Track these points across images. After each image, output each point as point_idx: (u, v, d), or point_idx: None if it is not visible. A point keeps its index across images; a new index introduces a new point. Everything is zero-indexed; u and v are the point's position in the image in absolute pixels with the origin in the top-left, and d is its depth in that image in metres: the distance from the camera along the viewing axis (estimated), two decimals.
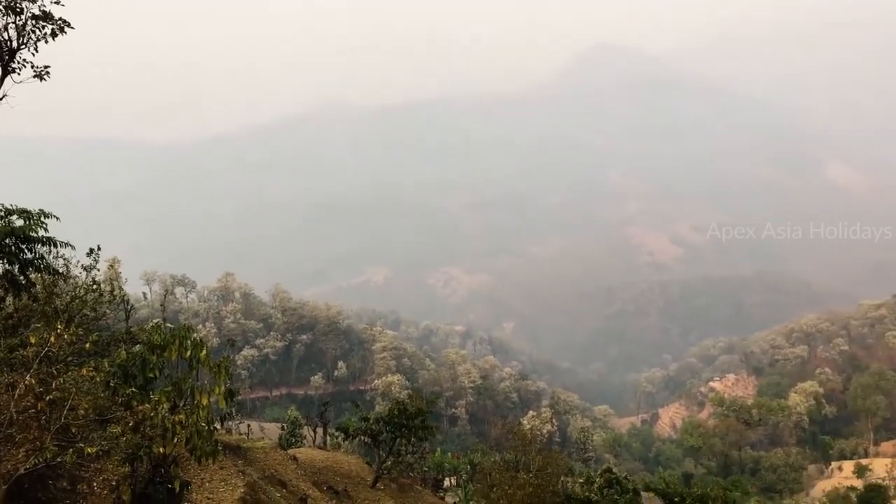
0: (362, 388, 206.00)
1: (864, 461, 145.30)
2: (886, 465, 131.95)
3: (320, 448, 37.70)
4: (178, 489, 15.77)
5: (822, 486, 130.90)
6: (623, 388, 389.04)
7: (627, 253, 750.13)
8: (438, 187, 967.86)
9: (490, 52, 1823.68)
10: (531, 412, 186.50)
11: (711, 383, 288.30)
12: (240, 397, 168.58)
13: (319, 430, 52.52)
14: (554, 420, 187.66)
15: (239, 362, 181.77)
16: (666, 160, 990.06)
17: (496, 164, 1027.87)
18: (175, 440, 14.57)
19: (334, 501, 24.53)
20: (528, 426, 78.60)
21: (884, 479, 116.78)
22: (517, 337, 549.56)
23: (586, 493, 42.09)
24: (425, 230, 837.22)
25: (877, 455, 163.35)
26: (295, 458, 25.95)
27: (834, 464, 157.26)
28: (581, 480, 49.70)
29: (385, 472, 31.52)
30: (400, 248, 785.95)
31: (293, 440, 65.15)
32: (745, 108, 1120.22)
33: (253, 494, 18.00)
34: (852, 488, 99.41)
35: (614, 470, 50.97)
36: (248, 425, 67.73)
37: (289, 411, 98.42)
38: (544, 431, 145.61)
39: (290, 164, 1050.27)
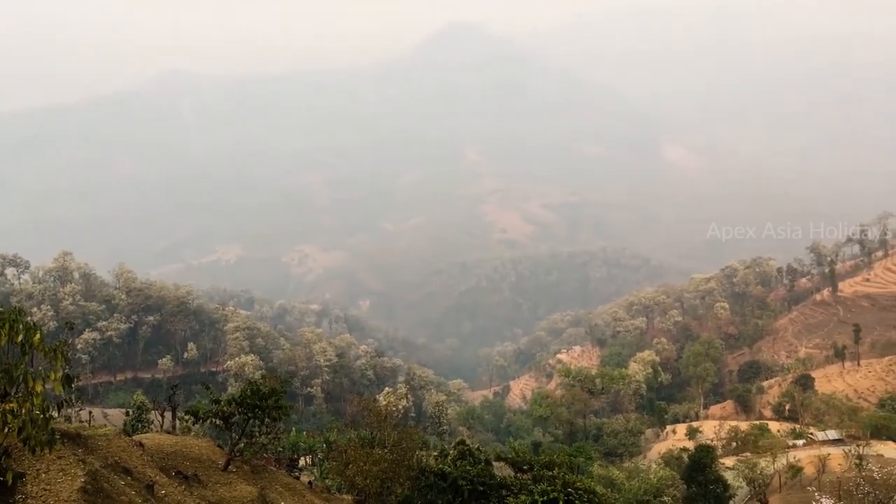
0: (214, 369, 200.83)
1: (695, 424, 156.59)
2: (714, 427, 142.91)
3: (169, 433, 36.45)
4: (10, 481, 14.89)
5: (658, 449, 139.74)
6: (476, 363, 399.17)
7: (481, 230, 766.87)
8: (291, 163, 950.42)
9: (345, 26, 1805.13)
10: (387, 388, 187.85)
11: (559, 355, 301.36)
12: (80, 383, 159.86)
13: (168, 415, 50.72)
14: (409, 396, 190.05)
15: (79, 346, 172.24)
16: (518, 139, 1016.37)
17: (350, 140, 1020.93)
18: (6, 430, 13.71)
19: (183, 486, 23.85)
20: (383, 402, 79.30)
21: (712, 440, 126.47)
22: (373, 314, 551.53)
23: (440, 466, 43.09)
24: (278, 207, 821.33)
25: (706, 418, 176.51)
26: (141, 444, 24.96)
27: (669, 427, 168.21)
28: (435, 453, 50.83)
29: (237, 454, 30.93)
30: (253, 226, 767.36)
31: (139, 426, 62.75)
32: (592, 90, 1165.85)
33: (94, 483, 17.21)
34: (685, 449, 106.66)
35: (467, 442, 52.41)
36: (90, 412, 64.33)
37: (135, 396, 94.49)
38: (400, 407, 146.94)
39: (135, 137, 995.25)
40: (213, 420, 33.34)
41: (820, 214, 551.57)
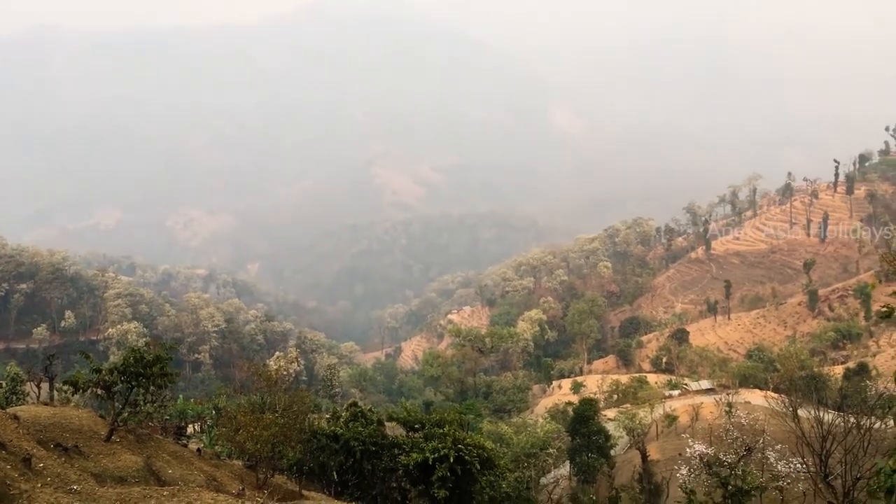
0: (94, 338, 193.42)
1: (579, 379, 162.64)
2: (597, 381, 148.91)
3: (46, 405, 35.07)
4: None
5: (545, 403, 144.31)
6: (368, 325, 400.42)
7: (372, 193, 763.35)
8: (173, 123, 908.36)
9: None
10: (278, 353, 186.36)
11: (450, 316, 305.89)
12: None
13: (45, 386, 48.65)
14: (300, 359, 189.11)
15: None
16: (407, 101, 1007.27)
17: (235, 99, 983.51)
18: None
19: (63, 458, 23.14)
20: (274, 367, 78.58)
21: (595, 393, 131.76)
22: (262, 278, 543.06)
23: (332, 428, 43.27)
24: (161, 169, 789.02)
25: (590, 372, 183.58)
26: (16, 417, 24.01)
27: (555, 383, 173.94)
28: (327, 416, 50.96)
29: (121, 423, 30.15)
30: (134, 188, 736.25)
31: (13, 398, 59.98)
32: (480, 52, 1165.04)
33: None
34: (569, 403, 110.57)
35: (359, 403, 52.76)
36: None
37: (8, 367, 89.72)
38: (291, 371, 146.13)
39: None
40: (94, 390, 32.29)
41: (696, 175, 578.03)
